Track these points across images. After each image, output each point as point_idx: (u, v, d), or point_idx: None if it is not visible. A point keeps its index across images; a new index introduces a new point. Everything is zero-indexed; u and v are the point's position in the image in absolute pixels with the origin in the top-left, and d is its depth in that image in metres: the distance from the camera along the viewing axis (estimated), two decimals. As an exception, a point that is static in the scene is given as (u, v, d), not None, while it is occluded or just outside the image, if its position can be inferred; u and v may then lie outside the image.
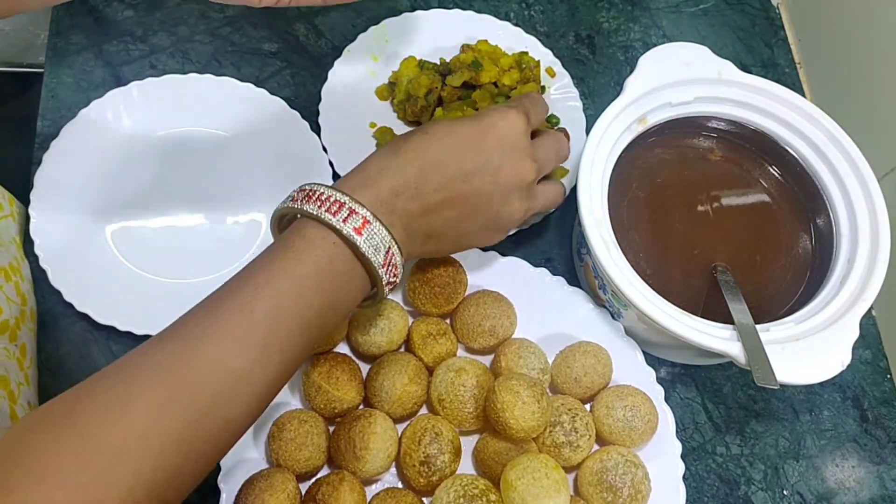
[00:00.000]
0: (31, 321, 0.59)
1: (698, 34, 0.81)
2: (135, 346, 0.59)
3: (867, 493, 0.63)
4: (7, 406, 0.51)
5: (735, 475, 0.62)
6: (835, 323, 0.54)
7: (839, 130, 0.61)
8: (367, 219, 0.45)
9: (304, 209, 0.45)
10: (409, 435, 0.55)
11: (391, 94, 0.71)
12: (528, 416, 0.52)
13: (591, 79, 0.77)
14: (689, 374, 0.65)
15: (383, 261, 0.46)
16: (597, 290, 0.62)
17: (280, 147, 0.67)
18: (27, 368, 0.56)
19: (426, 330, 0.59)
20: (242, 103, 0.68)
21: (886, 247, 0.57)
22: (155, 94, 0.67)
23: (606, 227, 0.57)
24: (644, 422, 0.56)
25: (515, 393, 0.52)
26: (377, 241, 0.46)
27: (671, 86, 0.61)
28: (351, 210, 0.45)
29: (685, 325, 0.54)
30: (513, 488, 0.51)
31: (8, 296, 0.55)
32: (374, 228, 0.45)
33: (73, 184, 0.63)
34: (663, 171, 0.63)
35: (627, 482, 0.54)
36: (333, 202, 0.45)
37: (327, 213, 0.45)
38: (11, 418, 0.51)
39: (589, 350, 0.59)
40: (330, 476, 0.53)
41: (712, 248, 0.60)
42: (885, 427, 0.65)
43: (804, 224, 0.62)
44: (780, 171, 0.64)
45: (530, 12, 0.79)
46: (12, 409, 0.52)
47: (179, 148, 0.67)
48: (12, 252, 0.59)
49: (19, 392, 0.54)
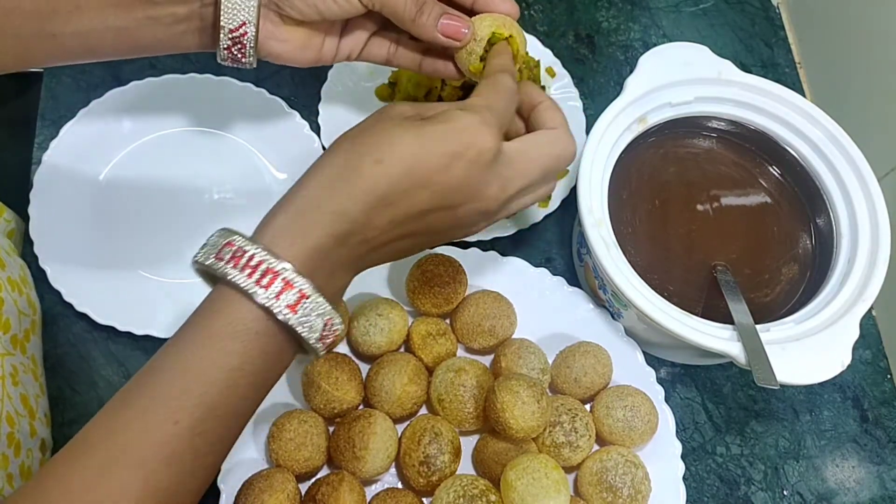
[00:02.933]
0: (39, 326, 0.59)
1: (698, 34, 0.81)
2: (134, 346, 0.60)
3: (867, 493, 0.63)
4: (27, 425, 0.51)
5: (735, 475, 0.62)
6: (835, 323, 0.54)
7: (839, 130, 0.61)
8: (304, 293, 0.38)
9: (228, 276, 0.38)
10: (409, 435, 0.55)
11: (391, 93, 0.71)
12: (527, 416, 0.52)
13: (591, 79, 0.77)
14: (689, 374, 0.65)
15: (320, 335, 0.40)
16: (597, 290, 0.62)
17: (280, 147, 0.67)
18: (40, 378, 0.57)
19: (426, 330, 0.59)
20: (242, 103, 0.68)
21: (886, 247, 0.57)
22: (155, 94, 0.67)
23: (606, 227, 0.57)
24: (644, 422, 0.56)
25: (515, 393, 0.52)
26: (314, 317, 0.39)
27: (671, 86, 0.61)
28: (286, 283, 0.38)
29: (685, 325, 0.54)
30: (512, 488, 0.51)
31: (21, 309, 0.55)
32: (312, 303, 0.39)
33: (72, 184, 0.63)
34: (663, 171, 0.63)
35: (627, 482, 0.54)
36: (265, 271, 0.38)
37: (257, 287, 0.37)
38: (31, 436, 0.51)
39: (589, 350, 0.59)
40: (330, 476, 0.53)
41: (712, 248, 0.60)
42: (885, 427, 0.65)
43: (804, 224, 0.62)
44: (780, 171, 0.64)
45: (530, 12, 0.79)
46: (32, 426, 0.52)
47: (179, 148, 0.67)
48: (18, 262, 0.59)
49: (37, 406, 0.54)
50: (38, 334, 0.58)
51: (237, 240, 0.39)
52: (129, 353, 0.60)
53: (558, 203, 0.67)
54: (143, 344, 0.60)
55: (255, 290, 0.38)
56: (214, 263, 0.39)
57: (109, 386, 0.59)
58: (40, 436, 0.53)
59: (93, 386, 0.59)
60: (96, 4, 0.46)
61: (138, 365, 0.60)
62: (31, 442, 0.51)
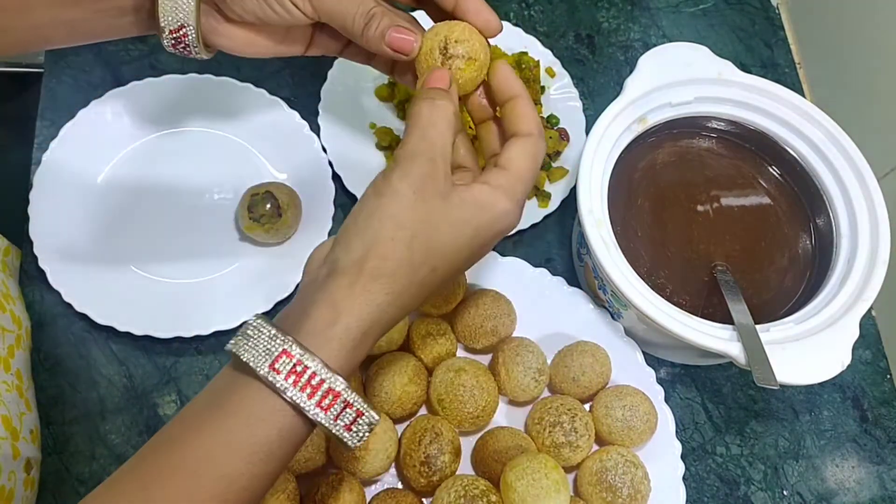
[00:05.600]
0: (26, 339, 0.59)
1: (698, 34, 0.81)
2: (134, 346, 0.60)
3: (867, 493, 0.63)
4: (9, 447, 0.51)
5: (735, 475, 0.62)
6: (835, 323, 0.54)
7: (839, 130, 0.61)
8: (360, 412, 0.38)
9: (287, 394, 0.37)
10: (409, 435, 0.55)
11: (391, 94, 0.71)
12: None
13: (590, 79, 0.77)
14: (689, 374, 0.65)
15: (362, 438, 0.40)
16: (597, 290, 0.62)
17: (280, 147, 0.67)
18: (26, 392, 0.56)
19: (426, 330, 0.59)
20: (242, 103, 0.68)
21: (886, 247, 0.57)
22: (155, 94, 0.67)
23: (606, 227, 0.57)
24: (643, 421, 0.56)
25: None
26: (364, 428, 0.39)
27: (671, 86, 0.61)
28: (346, 404, 0.38)
29: (685, 325, 0.54)
30: (512, 489, 0.51)
31: (4, 326, 0.55)
32: (367, 419, 0.39)
33: (72, 184, 0.63)
34: (663, 171, 0.63)
35: (627, 482, 0.54)
36: (326, 392, 0.37)
37: (318, 409, 0.37)
38: (14, 458, 0.51)
39: (587, 349, 0.59)
40: (330, 476, 0.53)
41: (712, 248, 0.60)
42: (885, 427, 0.65)
43: (804, 224, 0.62)
44: (780, 171, 0.64)
45: (530, 12, 0.79)
46: (14, 447, 0.52)
47: (179, 148, 0.67)
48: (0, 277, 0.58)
49: (21, 424, 0.53)
50: (24, 348, 0.58)
51: (294, 349, 0.37)
52: (129, 353, 0.60)
53: (558, 203, 0.67)
54: (143, 344, 0.60)
55: (316, 413, 0.37)
56: (272, 375, 0.37)
57: (110, 385, 0.59)
58: (25, 456, 0.53)
59: (93, 385, 0.59)
60: (43, 1, 0.46)
61: (138, 365, 0.60)
62: (13, 464, 0.50)
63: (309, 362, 0.37)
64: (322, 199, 0.65)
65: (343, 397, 0.38)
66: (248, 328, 0.38)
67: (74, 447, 0.57)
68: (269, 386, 0.37)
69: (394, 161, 0.41)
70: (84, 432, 0.58)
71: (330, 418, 0.38)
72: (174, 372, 0.60)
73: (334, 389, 0.37)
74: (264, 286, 0.61)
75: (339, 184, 0.66)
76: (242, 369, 0.38)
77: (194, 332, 0.59)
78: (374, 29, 0.45)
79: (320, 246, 0.43)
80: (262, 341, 0.37)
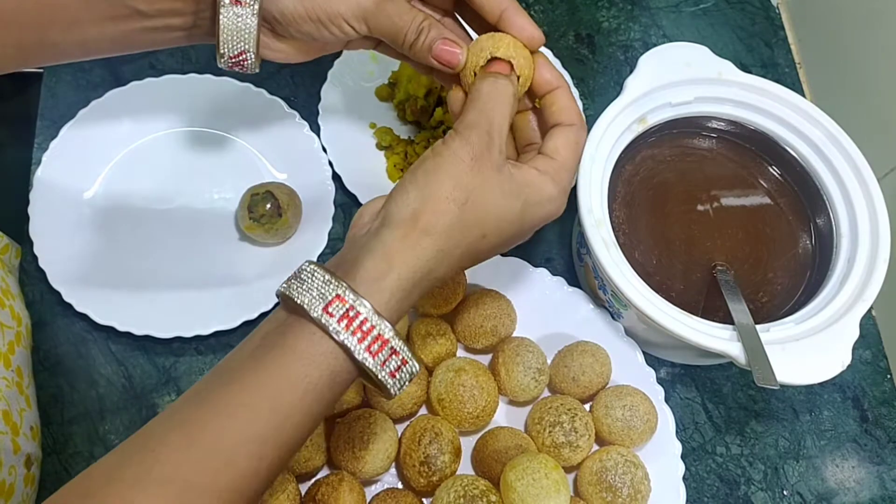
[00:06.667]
0: (27, 337, 0.59)
1: (698, 34, 0.81)
2: (134, 345, 0.60)
3: (867, 494, 0.63)
4: (10, 441, 0.51)
5: (735, 475, 0.62)
6: (835, 323, 0.54)
7: (839, 130, 0.61)
8: (405, 360, 0.40)
9: (339, 337, 0.38)
10: (409, 435, 0.55)
11: (391, 94, 0.71)
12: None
13: (591, 79, 0.77)
14: (689, 374, 0.65)
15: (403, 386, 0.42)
16: (597, 290, 0.62)
17: (280, 147, 0.67)
18: (26, 389, 0.56)
19: (426, 330, 0.59)
20: (242, 103, 0.68)
21: (886, 247, 0.57)
22: (155, 94, 0.67)
23: (606, 227, 0.57)
24: (643, 421, 0.56)
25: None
26: (406, 377, 0.41)
27: (671, 86, 0.61)
28: (392, 351, 0.40)
29: (685, 325, 0.54)
30: (512, 489, 0.51)
31: (3, 322, 0.55)
32: (410, 368, 0.41)
33: (72, 184, 0.63)
34: (663, 171, 0.63)
35: (627, 482, 0.54)
36: (375, 338, 0.39)
37: (367, 353, 0.39)
38: (14, 452, 0.51)
39: (587, 349, 0.59)
40: (330, 476, 0.53)
41: (712, 248, 0.60)
42: (885, 427, 0.65)
43: (804, 224, 0.62)
44: (780, 171, 0.64)
45: (530, 12, 0.79)
46: (15, 442, 0.52)
47: (179, 148, 0.67)
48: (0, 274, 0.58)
49: (21, 420, 0.54)
50: (24, 345, 0.58)
51: (347, 295, 0.39)
52: (129, 353, 0.60)
53: (558, 203, 0.67)
54: (143, 344, 0.60)
55: (364, 357, 0.39)
56: (325, 318, 0.38)
57: (109, 385, 0.59)
58: (25, 451, 0.53)
59: (93, 385, 0.59)
60: (93, 18, 0.46)
61: (138, 365, 0.60)
62: (13, 458, 0.51)
63: (361, 308, 0.39)
64: (322, 199, 0.65)
65: (391, 344, 0.39)
66: (301, 272, 0.40)
67: (74, 447, 0.57)
68: (321, 328, 0.38)
69: (453, 130, 0.44)
70: (83, 432, 0.58)
71: (378, 363, 0.39)
72: (174, 372, 0.60)
73: (383, 336, 0.39)
74: (264, 286, 0.61)
75: (339, 184, 0.66)
76: (295, 311, 0.39)
77: (194, 332, 0.59)
78: (422, 42, 0.48)
79: (369, 203, 0.45)
80: (316, 285, 0.39)
